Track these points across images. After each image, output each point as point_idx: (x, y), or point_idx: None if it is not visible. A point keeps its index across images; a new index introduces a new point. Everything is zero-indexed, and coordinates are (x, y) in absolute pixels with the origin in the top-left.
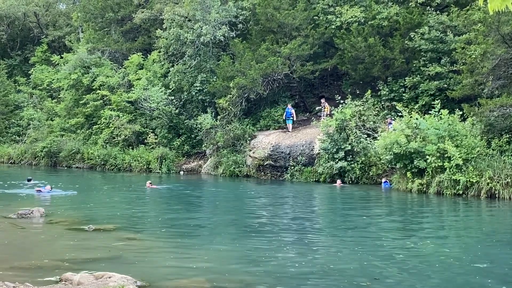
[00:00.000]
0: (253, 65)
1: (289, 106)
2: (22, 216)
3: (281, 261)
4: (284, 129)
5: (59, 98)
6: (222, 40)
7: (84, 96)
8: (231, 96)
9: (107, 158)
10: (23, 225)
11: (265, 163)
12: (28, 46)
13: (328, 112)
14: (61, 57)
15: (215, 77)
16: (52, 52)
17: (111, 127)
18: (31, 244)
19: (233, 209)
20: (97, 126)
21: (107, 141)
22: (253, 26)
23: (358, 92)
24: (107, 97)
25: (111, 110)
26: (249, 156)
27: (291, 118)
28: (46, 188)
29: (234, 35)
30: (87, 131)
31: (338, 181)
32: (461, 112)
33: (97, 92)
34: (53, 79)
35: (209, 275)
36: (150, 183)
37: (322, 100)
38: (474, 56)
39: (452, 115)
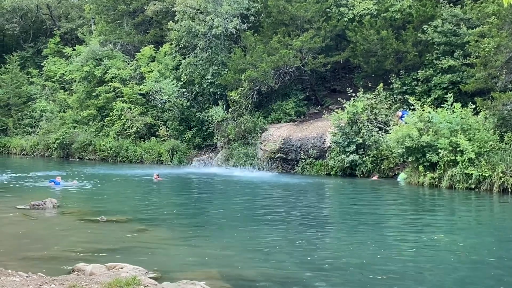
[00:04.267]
0: (264, 58)
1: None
2: (34, 207)
3: (293, 254)
4: (296, 122)
5: (71, 90)
6: (234, 32)
7: (96, 88)
8: (242, 88)
9: (119, 150)
10: (36, 216)
11: (276, 156)
12: (41, 38)
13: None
14: (74, 49)
15: (227, 69)
16: (65, 44)
17: (123, 119)
18: (44, 235)
19: (244, 201)
20: (109, 118)
21: (119, 133)
22: (264, 18)
23: (370, 85)
24: (119, 89)
25: (123, 102)
26: (260, 149)
27: None
28: (57, 179)
29: (246, 28)
30: (99, 123)
31: (375, 176)
32: (474, 106)
33: (109, 84)
34: (65, 71)
35: (221, 266)
36: (157, 175)
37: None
38: (487, 49)
39: (465, 108)
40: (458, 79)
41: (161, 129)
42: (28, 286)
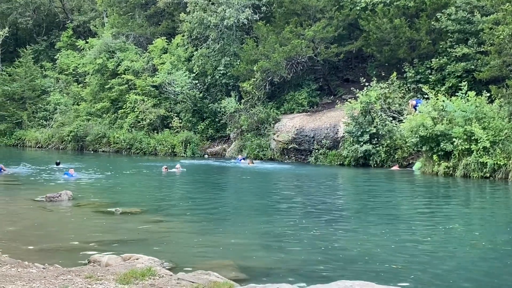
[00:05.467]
0: (276, 48)
1: None
2: (50, 199)
3: (308, 244)
4: (309, 112)
5: (85, 82)
6: (246, 23)
7: (109, 80)
8: (254, 79)
9: (133, 142)
10: (52, 208)
11: (289, 147)
12: (54, 31)
13: None
14: (86, 42)
15: (239, 60)
16: (77, 37)
17: (136, 111)
18: (60, 227)
19: (258, 192)
20: (122, 110)
21: (132, 125)
22: (276, 8)
23: (383, 74)
24: (132, 82)
25: (136, 95)
26: (273, 139)
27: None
28: (70, 171)
29: (258, 18)
30: (113, 116)
31: (396, 166)
32: (488, 94)
33: (122, 76)
34: (78, 64)
35: (235, 257)
36: (166, 167)
37: None
38: (502, 37)
39: (480, 97)
40: (473, 67)
41: (174, 121)
42: (44, 277)
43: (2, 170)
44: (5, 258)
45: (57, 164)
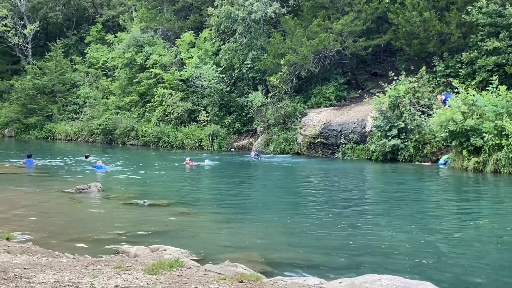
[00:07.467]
0: (304, 42)
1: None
2: (80, 191)
3: (335, 238)
4: (336, 106)
5: (113, 76)
6: (273, 17)
7: (137, 74)
8: (282, 73)
9: (160, 135)
10: (81, 200)
11: (316, 141)
12: (83, 25)
13: None
14: (115, 36)
15: (266, 54)
16: (107, 32)
17: (164, 105)
18: (89, 218)
19: (284, 186)
20: (150, 104)
21: (160, 119)
22: (304, 2)
23: (412, 68)
24: (160, 76)
25: (164, 88)
26: (300, 133)
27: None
28: (98, 163)
29: (285, 12)
30: (141, 109)
31: (428, 162)
32: None
33: (150, 70)
34: (107, 58)
35: (262, 249)
36: (190, 159)
37: None
38: None
39: (511, 91)
40: (504, 61)
41: (201, 115)
42: (74, 267)
43: (33, 162)
44: (36, 248)
45: (86, 157)
